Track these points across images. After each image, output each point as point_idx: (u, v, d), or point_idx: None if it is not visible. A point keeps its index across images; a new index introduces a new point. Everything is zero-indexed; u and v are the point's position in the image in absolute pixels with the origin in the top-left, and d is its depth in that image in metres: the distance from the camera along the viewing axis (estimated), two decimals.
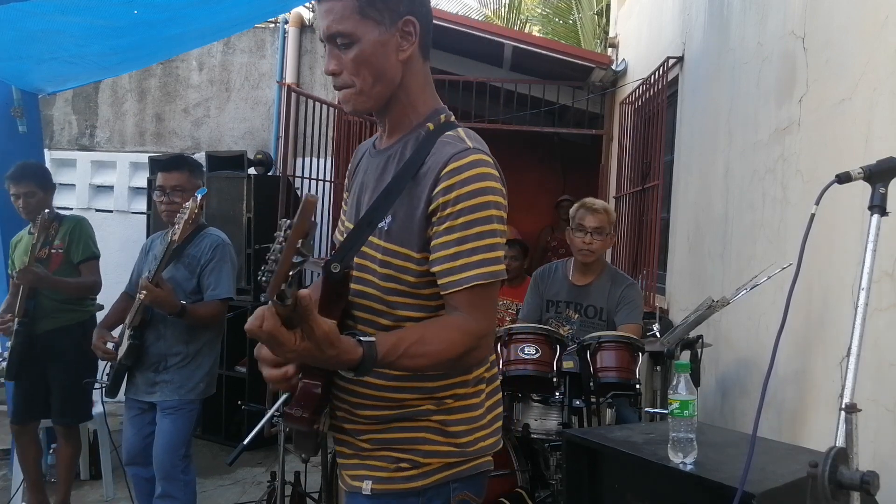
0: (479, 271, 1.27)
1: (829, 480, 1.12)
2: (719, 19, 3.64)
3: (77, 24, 3.27)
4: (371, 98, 1.37)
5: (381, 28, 1.33)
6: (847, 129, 2.15)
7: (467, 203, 1.27)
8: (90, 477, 4.26)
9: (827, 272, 2.20)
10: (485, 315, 1.30)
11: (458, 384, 1.38)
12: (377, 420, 1.38)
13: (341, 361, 1.17)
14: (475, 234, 1.27)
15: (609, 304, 3.17)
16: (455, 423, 1.38)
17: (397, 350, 1.22)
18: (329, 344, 1.13)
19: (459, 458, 1.39)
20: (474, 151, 1.32)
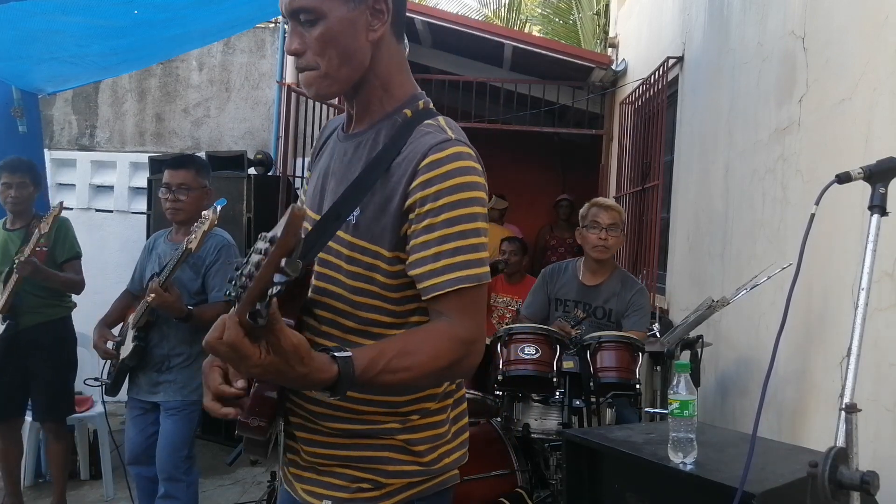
0: (465, 273, 1.16)
1: (829, 480, 1.12)
2: (719, 19, 3.64)
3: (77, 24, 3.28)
4: (337, 81, 1.24)
5: (349, 4, 1.21)
6: (847, 129, 2.15)
7: (449, 199, 1.16)
8: (90, 477, 4.26)
9: (827, 272, 2.20)
10: (474, 322, 1.19)
11: (426, 398, 1.29)
12: (340, 433, 1.28)
13: (313, 380, 1.04)
14: (458, 233, 1.16)
15: (618, 307, 3.16)
16: (420, 442, 1.29)
17: (377, 365, 1.09)
18: (299, 359, 1.01)
19: (424, 477, 1.30)
20: (456, 143, 1.20)
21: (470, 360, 1.19)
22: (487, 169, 1.25)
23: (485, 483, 2.79)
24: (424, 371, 1.14)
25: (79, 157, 6.18)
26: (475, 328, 1.19)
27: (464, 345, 1.17)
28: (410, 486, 1.29)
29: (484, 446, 2.97)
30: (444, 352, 1.15)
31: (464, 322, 1.17)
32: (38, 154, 4.53)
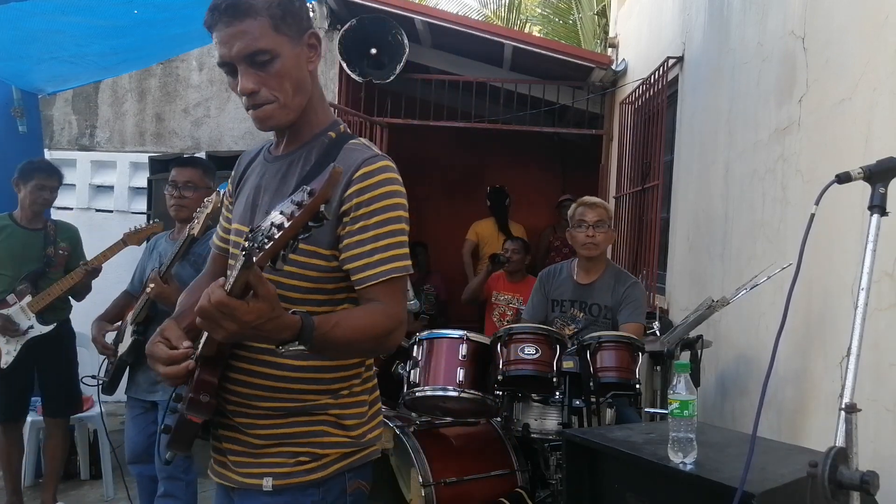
0: (394, 265, 1.37)
1: (828, 480, 1.12)
2: (719, 19, 3.64)
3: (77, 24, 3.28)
4: (293, 110, 1.43)
5: (293, 42, 1.41)
6: (847, 129, 2.15)
7: (380, 204, 1.37)
8: (90, 477, 4.26)
9: (827, 272, 2.20)
10: (399, 304, 1.39)
11: (353, 376, 1.46)
12: (275, 413, 1.41)
13: (285, 324, 1.20)
14: (388, 233, 1.37)
15: (613, 302, 3.18)
16: (349, 417, 1.45)
17: (328, 322, 1.28)
18: (277, 304, 1.17)
19: (353, 448, 1.46)
20: (382, 158, 1.42)
21: (397, 336, 1.39)
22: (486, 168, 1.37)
23: (485, 483, 2.80)
24: (367, 333, 1.34)
25: (79, 157, 6.18)
26: (400, 311, 1.39)
27: (395, 321, 1.37)
28: (344, 458, 1.44)
29: (484, 446, 2.98)
30: (381, 322, 1.36)
31: (392, 305, 1.38)
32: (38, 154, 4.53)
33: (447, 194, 8.37)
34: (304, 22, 1.44)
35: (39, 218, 3.66)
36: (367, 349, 1.42)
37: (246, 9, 1.34)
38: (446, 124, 6.43)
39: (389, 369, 2.99)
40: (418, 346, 2.90)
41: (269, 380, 1.41)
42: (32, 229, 3.62)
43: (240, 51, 1.36)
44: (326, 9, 6.03)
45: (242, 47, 1.35)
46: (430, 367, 2.83)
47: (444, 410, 3.00)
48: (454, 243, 7.42)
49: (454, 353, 2.81)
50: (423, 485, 2.66)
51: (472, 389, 2.76)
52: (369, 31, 5.70)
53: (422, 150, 7.90)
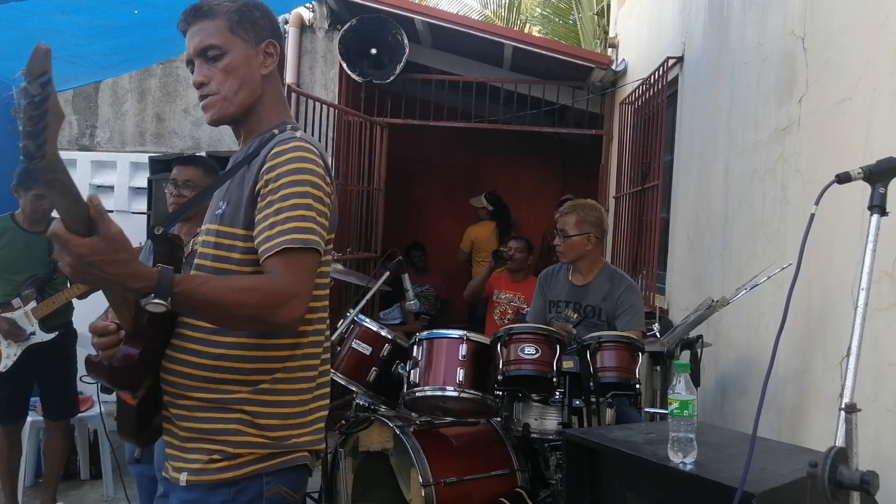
0: (290, 237, 1.34)
1: (828, 480, 1.12)
2: (719, 19, 3.64)
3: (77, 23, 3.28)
4: (234, 104, 1.52)
5: (247, 45, 1.52)
6: (847, 129, 2.15)
7: (286, 179, 1.38)
8: (90, 477, 4.26)
9: (827, 272, 2.20)
10: (295, 277, 1.34)
11: (278, 368, 1.43)
12: (196, 402, 1.42)
13: (136, 273, 1.20)
14: (290, 206, 1.36)
15: (607, 305, 3.17)
16: (267, 416, 1.42)
17: (194, 280, 1.30)
18: (122, 247, 1.17)
19: (272, 451, 1.42)
20: (300, 141, 1.44)
21: (287, 311, 1.32)
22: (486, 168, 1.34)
23: (485, 483, 2.80)
24: (239, 299, 1.30)
25: (79, 157, 6.18)
26: (295, 283, 1.33)
27: (282, 293, 1.32)
28: (259, 460, 1.41)
29: (484, 446, 2.98)
30: (260, 290, 1.32)
31: (285, 276, 1.33)
32: None
33: (447, 194, 8.37)
34: (265, 32, 1.54)
35: (42, 221, 3.64)
36: (246, 316, 1.33)
37: (206, 11, 1.51)
38: (446, 124, 6.43)
39: (389, 369, 2.99)
40: (418, 346, 2.90)
41: (191, 367, 1.42)
42: (35, 232, 3.61)
43: (195, 46, 1.51)
44: (326, 9, 6.03)
45: (197, 42, 1.51)
46: (430, 367, 2.83)
47: (444, 410, 3.00)
48: (454, 243, 7.43)
49: (454, 353, 2.81)
50: (423, 485, 2.66)
51: (472, 389, 2.76)
52: (369, 31, 5.70)
53: (422, 151, 7.91)
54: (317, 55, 6.13)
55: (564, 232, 3.21)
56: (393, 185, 6.54)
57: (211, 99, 1.52)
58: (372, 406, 3.03)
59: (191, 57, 1.53)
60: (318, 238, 1.38)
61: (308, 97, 5.50)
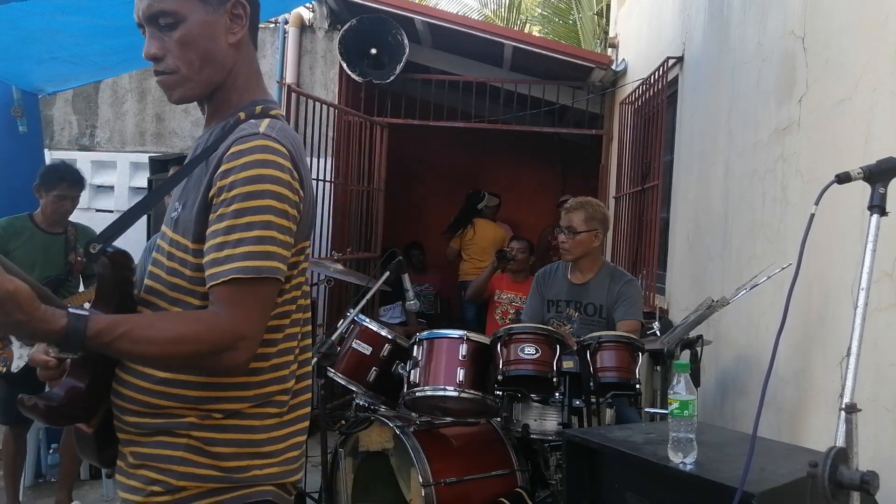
0: (240, 265, 1.12)
1: (828, 480, 1.12)
2: (719, 19, 3.64)
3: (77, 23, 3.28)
4: (199, 84, 1.28)
5: (207, 8, 1.24)
6: (847, 129, 2.15)
7: (242, 190, 1.14)
8: (90, 477, 4.26)
9: (827, 272, 2.20)
10: (244, 315, 1.13)
11: (230, 398, 1.22)
12: (139, 429, 1.23)
13: (38, 329, 1.05)
14: (244, 225, 1.13)
15: (608, 301, 3.18)
16: (222, 444, 1.21)
17: (116, 330, 1.08)
18: (17, 306, 1.02)
19: (224, 485, 1.21)
20: (263, 137, 1.19)
21: (236, 355, 1.13)
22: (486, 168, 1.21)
23: (485, 483, 2.80)
24: (168, 350, 1.11)
25: (79, 157, 6.18)
26: (244, 323, 1.13)
27: (226, 336, 1.12)
28: (207, 494, 1.21)
29: (484, 446, 2.98)
30: (195, 335, 1.12)
31: (231, 313, 1.13)
32: (39, 154, 4.52)
33: (447, 194, 8.37)
34: None
35: (61, 222, 3.65)
36: (178, 365, 1.16)
37: None
38: (446, 124, 6.43)
39: (389, 369, 2.99)
40: (418, 346, 2.90)
41: (134, 391, 1.23)
42: (53, 233, 3.61)
43: (144, 10, 1.25)
44: (326, 9, 6.04)
45: (146, 7, 1.24)
46: (430, 367, 2.83)
47: (444, 410, 3.00)
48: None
49: (454, 353, 2.81)
50: (423, 485, 2.66)
51: (471, 389, 2.76)
52: (369, 31, 5.70)
53: (422, 151, 7.91)
54: (317, 55, 6.13)
55: (573, 229, 3.19)
56: (393, 185, 6.54)
57: (169, 78, 1.27)
58: (372, 406, 3.03)
59: (140, 21, 1.27)
60: (276, 264, 1.15)
61: (308, 97, 5.50)
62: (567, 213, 3.24)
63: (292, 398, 1.30)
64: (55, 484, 3.86)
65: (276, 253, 1.16)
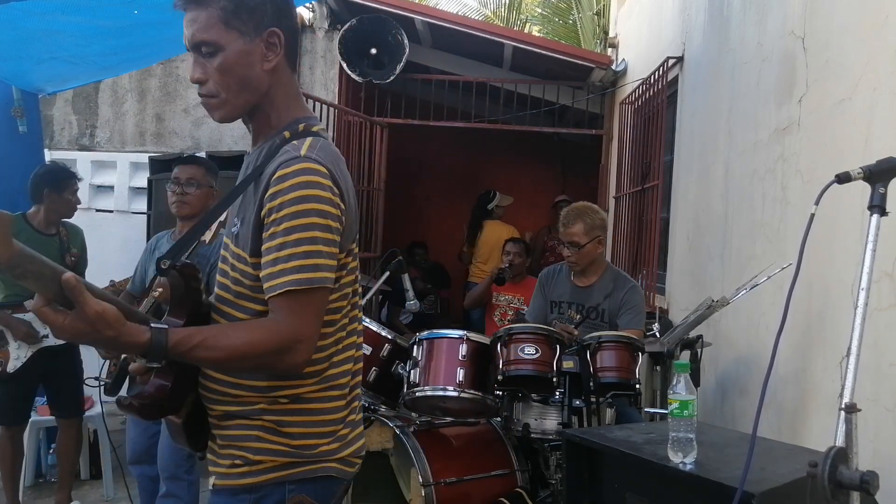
0: (293, 277, 1.28)
1: (828, 480, 1.12)
2: (719, 19, 3.64)
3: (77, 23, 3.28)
4: (237, 107, 1.41)
5: (245, 38, 1.37)
6: (847, 129, 2.15)
7: (289, 210, 1.29)
8: (90, 477, 4.26)
9: (827, 272, 2.20)
10: (301, 320, 1.29)
11: (293, 385, 1.38)
12: (223, 416, 1.41)
13: (126, 343, 1.20)
14: (294, 241, 1.28)
15: (611, 306, 3.17)
16: (291, 425, 1.38)
17: (191, 340, 1.24)
18: (106, 325, 1.16)
19: (295, 459, 1.38)
20: (305, 160, 1.32)
21: (294, 356, 1.30)
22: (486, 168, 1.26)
23: (485, 483, 2.80)
24: (235, 354, 1.27)
25: (79, 157, 6.17)
26: (301, 328, 1.29)
27: (285, 340, 1.28)
28: (281, 468, 1.37)
29: (484, 446, 2.98)
30: (260, 341, 1.28)
31: (290, 320, 1.29)
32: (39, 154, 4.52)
33: (447, 194, 8.37)
34: (265, 18, 1.38)
35: (56, 223, 3.65)
36: (248, 368, 1.34)
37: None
38: (446, 124, 6.43)
39: (389, 369, 2.99)
40: (418, 346, 2.90)
41: (212, 381, 1.40)
42: (48, 234, 3.61)
43: (189, 39, 1.38)
44: (326, 9, 6.04)
45: (190, 36, 1.37)
46: (430, 367, 2.83)
47: (444, 410, 3.00)
48: (454, 243, 7.43)
49: (454, 353, 2.81)
50: (423, 485, 2.66)
51: (471, 389, 2.76)
52: (369, 31, 5.70)
53: (422, 151, 7.91)
54: (317, 55, 6.13)
55: (576, 244, 3.15)
56: (393, 185, 6.54)
57: (211, 101, 1.41)
58: (372, 406, 3.03)
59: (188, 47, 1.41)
60: (324, 274, 1.31)
61: (308, 97, 5.49)
62: (566, 228, 3.18)
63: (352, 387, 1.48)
64: (55, 484, 3.86)
65: (323, 265, 1.31)
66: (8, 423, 3.62)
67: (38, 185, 3.59)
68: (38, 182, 3.60)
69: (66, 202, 3.62)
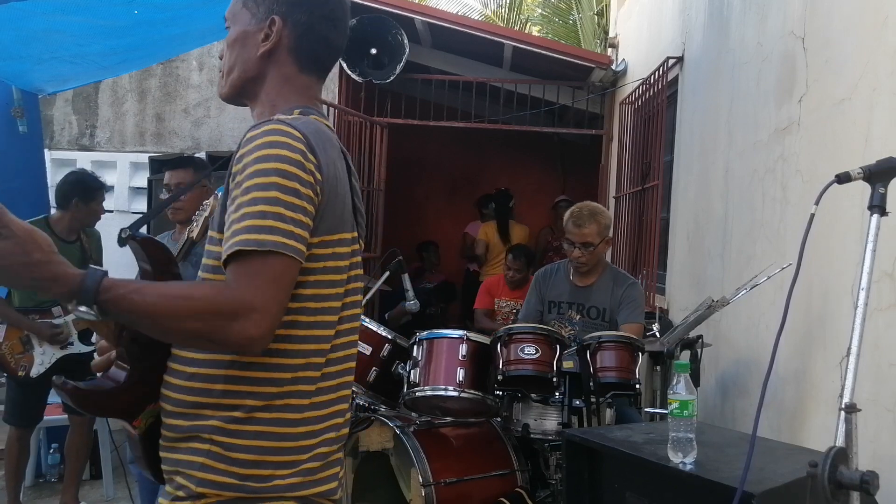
0: (242, 238, 1.11)
1: (828, 480, 1.12)
2: (719, 19, 3.64)
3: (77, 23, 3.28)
4: (230, 84, 1.38)
5: (252, 20, 1.36)
6: (847, 129, 2.15)
7: (251, 169, 1.16)
8: (90, 477, 4.26)
9: (827, 272, 2.20)
10: (253, 286, 1.11)
11: (250, 394, 1.19)
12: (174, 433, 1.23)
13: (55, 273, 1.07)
14: (249, 200, 1.13)
15: (612, 304, 3.17)
16: (241, 449, 1.17)
17: (127, 286, 1.09)
18: (35, 246, 1.05)
19: (240, 494, 1.17)
20: (275, 122, 1.20)
21: (239, 326, 1.10)
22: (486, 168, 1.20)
23: (485, 483, 2.80)
24: (175, 308, 1.10)
25: (79, 157, 6.18)
26: (252, 293, 1.10)
27: (230, 303, 1.10)
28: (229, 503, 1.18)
29: (484, 446, 2.98)
30: (201, 297, 1.12)
31: (238, 283, 1.11)
32: (39, 154, 4.52)
33: (447, 194, 8.38)
34: (274, 5, 1.34)
35: (76, 230, 3.66)
36: (186, 330, 1.11)
37: None
38: (446, 124, 6.43)
39: (389, 369, 2.99)
40: (418, 345, 2.90)
41: (169, 390, 1.23)
42: (69, 241, 3.62)
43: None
44: None
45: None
46: (430, 367, 2.83)
47: (444, 410, 3.00)
48: (454, 243, 7.44)
49: (454, 353, 2.81)
50: (423, 484, 2.66)
51: (471, 389, 2.76)
52: (369, 31, 5.70)
53: (422, 151, 7.91)
54: None
55: (590, 244, 3.14)
56: (393, 185, 6.54)
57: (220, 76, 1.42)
58: (372, 406, 3.03)
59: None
60: (282, 239, 1.12)
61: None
62: (580, 229, 3.14)
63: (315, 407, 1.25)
64: (55, 484, 3.86)
65: (281, 228, 1.13)
66: (22, 424, 3.65)
67: (67, 194, 3.58)
68: (67, 190, 3.59)
69: (93, 212, 3.65)
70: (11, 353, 3.50)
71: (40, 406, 3.70)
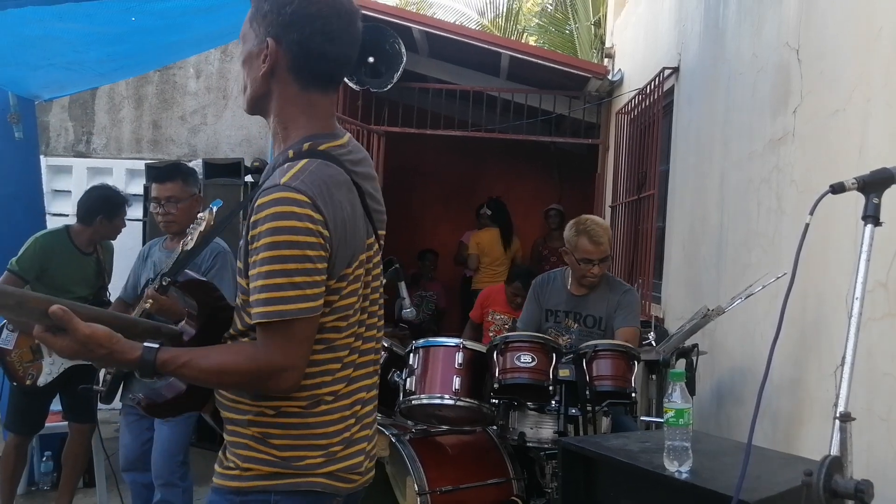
0: (264, 309, 1.30)
1: (823, 489, 1.12)
2: (715, 30, 3.67)
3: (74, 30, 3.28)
4: (245, 101, 1.48)
5: (255, 40, 1.42)
6: (841, 139, 2.17)
7: (264, 241, 1.30)
8: (83, 485, 4.22)
9: (821, 282, 2.21)
10: (279, 350, 1.31)
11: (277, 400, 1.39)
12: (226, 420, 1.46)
13: (118, 360, 1.32)
14: (266, 273, 1.30)
15: (608, 312, 3.17)
16: (277, 437, 1.39)
17: (177, 360, 1.32)
18: (97, 344, 1.27)
19: (281, 470, 1.39)
20: (283, 189, 1.30)
21: (277, 384, 1.33)
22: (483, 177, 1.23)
23: (481, 491, 2.79)
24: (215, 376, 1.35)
25: (75, 163, 6.17)
26: (279, 358, 1.32)
27: (263, 367, 1.32)
28: (267, 477, 1.39)
29: (480, 455, 2.97)
30: (238, 365, 1.34)
31: (267, 349, 1.32)
32: (35, 160, 4.52)
33: (444, 203, 8.39)
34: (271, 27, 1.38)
35: (95, 242, 3.63)
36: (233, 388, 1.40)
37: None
38: (443, 133, 6.45)
39: (385, 377, 2.98)
40: (414, 354, 2.89)
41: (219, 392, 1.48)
42: (86, 253, 3.59)
43: None
44: None
45: None
46: (427, 376, 2.82)
47: (439, 419, 2.99)
48: (451, 252, 7.44)
49: (450, 361, 2.80)
50: (419, 493, 2.65)
51: (468, 398, 2.76)
52: (367, 40, 5.71)
53: (419, 159, 7.93)
54: None
55: (608, 258, 3.20)
56: (390, 193, 6.50)
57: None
58: None
59: None
60: (298, 305, 1.29)
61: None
62: (599, 246, 3.12)
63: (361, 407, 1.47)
64: (48, 492, 3.83)
65: (298, 295, 1.30)
66: (23, 432, 3.63)
67: (92, 211, 3.54)
68: (93, 207, 3.55)
69: (115, 228, 3.62)
70: (21, 361, 3.50)
71: (42, 414, 3.68)
